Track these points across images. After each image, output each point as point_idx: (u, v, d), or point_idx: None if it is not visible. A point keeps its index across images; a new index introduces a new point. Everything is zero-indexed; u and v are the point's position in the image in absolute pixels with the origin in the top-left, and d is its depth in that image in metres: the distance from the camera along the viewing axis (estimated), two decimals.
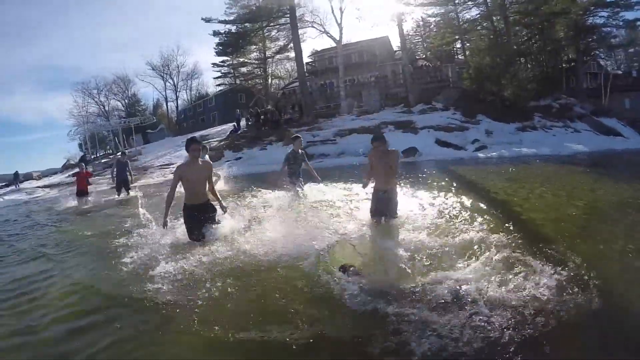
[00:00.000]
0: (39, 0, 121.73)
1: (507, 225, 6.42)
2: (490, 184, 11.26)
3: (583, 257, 4.81)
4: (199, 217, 6.26)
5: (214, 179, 9.87)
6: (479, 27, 38.49)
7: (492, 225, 6.54)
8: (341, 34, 35.79)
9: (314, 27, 37.93)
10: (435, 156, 21.78)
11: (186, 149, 6.17)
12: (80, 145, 69.15)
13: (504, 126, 26.54)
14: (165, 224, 6.19)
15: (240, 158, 27.96)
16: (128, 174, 15.77)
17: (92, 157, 49.86)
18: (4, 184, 47.26)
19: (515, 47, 36.10)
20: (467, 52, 38.47)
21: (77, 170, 16.80)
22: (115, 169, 15.79)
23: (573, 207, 7.88)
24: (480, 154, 21.67)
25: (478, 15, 38.79)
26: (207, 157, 10.81)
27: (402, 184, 9.22)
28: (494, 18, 36.39)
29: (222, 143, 33.85)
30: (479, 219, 6.98)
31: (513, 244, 5.43)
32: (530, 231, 6.32)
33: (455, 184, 11.18)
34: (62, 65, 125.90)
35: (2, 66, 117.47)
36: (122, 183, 15.63)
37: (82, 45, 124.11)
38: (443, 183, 11.62)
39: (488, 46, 32.65)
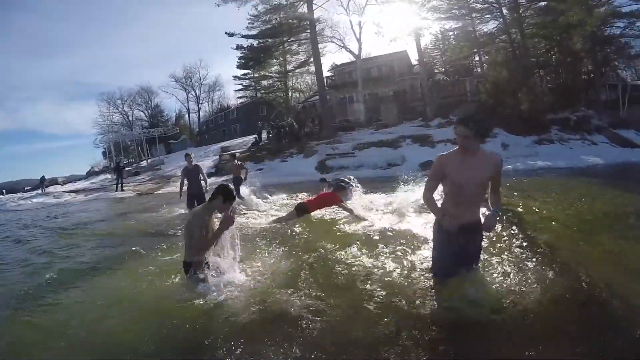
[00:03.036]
0: (65, 16, 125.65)
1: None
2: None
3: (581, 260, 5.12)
4: None
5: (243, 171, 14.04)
6: (496, 41, 38.67)
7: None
8: (360, 48, 36.59)
9: (333, 42, 38.78)
10: None
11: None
12: (104, 154, 70.60)
13: (521, 139, 26.67)
14: None
15: (261, 169, 28.66)
16: (203, 181, 12.05)
17: (126, 162, 50.88)
18: (30, 187, 48.83)
19: (533, 59, 36.29)
20: (485, 66, 38.72)
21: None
22: (184, 179, 11.90)
23: (574, 215, 8.06)
24: None
25: (495, 29, 39.07)
26: None
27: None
28: (511, 31, 36.56)
29: (243, 155, 34.62)
30: None
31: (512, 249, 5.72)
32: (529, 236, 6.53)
33: None
34: (87, 79, 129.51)
35: (31, 78, 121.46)
36: (194, 198, 11.49)
37: (106, 59, 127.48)
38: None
39: (505, 59, 32.79)
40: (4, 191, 52.03)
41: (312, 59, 40.35)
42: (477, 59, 43.05)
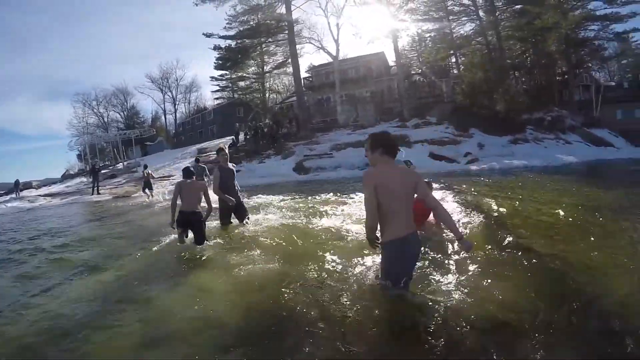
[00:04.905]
0: (38, 10, 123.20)
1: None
2: (474, 191, 11.76)
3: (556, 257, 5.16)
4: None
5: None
6: (472, 42, 39.07)
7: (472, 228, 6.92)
8: (338, 49, 36.48)
9: (311, 42, 38.66)
10: (428, 169, 21.99)
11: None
12: (79, 156, 69.69)
13: (496, 139, 26.99)
14: None
15: (239, 171, 28.36)
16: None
17: (102, 165, 50.33)
18: (3, 192, 47.94)
19: (508, 61, 36.83)
20: (461, 67, 39.09)
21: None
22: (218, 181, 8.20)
23: (548, 211, 8.17)
24: (472, 167, 22.11)
25: (472, 31, 39.50)
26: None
27: None
28: (488, 33, 36.96)
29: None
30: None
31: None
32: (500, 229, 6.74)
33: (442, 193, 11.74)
34: (61, 76, 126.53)
35: (2, 75, 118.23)
36: (230, 211, 8.25)
37: (81, 57, 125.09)
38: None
39: (481, 61, 33.16)
40: None
41: (289, 60, 40.28)
42: (453, 60, 43.53)
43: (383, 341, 3.42)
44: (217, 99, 67.51)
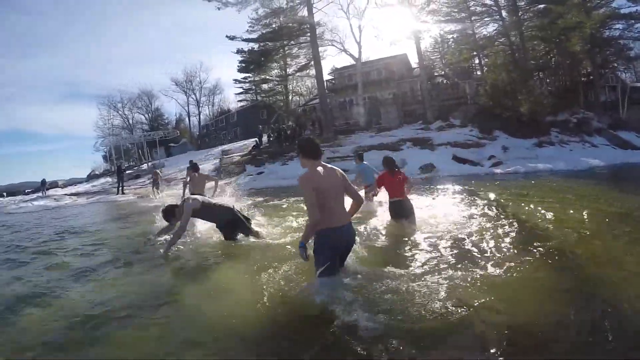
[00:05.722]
0: (62, 14, 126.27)
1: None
2: (498, 196, 11.64)
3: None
4: None
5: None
6: (495, 43, 38.73)
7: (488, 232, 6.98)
8: (360, 51, 36.62)
9: (333, 45, 38.73)
10: (451, 172, 22.07)
11: None
12: (104, 157, 71.19)
13: (521, 142, 26.77)
14: None
15: (262, 172, 28.87)
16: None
17: (127, 166, 51.21)
18: (30, 190, 49.24)
19: (532, 62, 36.45)
20: (485, 68, 38.82)
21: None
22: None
23: (573, 217, 7.99)
24: (496, 170, 21.94)
25: (495, 32, 39.03)
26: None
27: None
28: (511, 34, 36.63)
29: (244, 158, 34.77)
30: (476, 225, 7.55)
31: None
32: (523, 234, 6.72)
33: (463, 196, 11.78)
34: (88, 81, 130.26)
35: (30, 79, 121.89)
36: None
37: (107, 61, 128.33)
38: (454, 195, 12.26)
39: (504, 62, 32.91)
40: (5, 194, 52.43)
41: (312, 63, 40.43)
42: (476, 61, 43.19)
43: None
44: (240, 101, 68.30)
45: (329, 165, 4.45)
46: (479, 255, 5.50)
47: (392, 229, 7.56)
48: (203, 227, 8.09)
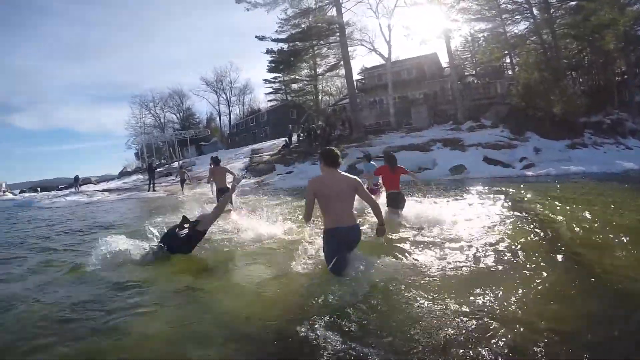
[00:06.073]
0: (96, 21, 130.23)
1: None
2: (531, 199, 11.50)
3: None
4: None
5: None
6: (527, 42, 38.23)
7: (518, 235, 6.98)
8: (390, 51, 36.48)
9: (363, 45, 38.71)
10: (482, 174, 21.96)
11: None
12: (136, 154, 72.98)
13: (553, 143, 26.42)
14: None
15: (291, 172, 29.23)
16: None
17: (158, 164, 52.30)
18: (64, 186, 50.69)
19: (565, 61, 35.91)
20: (516, 68, 38.40)
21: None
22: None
23: (607, 222, 7.72)
24: (528, 172, 21.80)
25: (526, 30, 38.50)
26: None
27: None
28: (542, 32, 36.11)
29: (273, 157, 35.18)
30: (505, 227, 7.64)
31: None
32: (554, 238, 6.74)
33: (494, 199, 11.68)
34: (120, 81, 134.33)
35: (64, 81, 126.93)
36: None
37: (138, 62, 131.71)
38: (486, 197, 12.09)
39: (536, 61, 32.52)
40: (39, 189, 54.04)
41: (341, 62, 40.68)
42: (508, 60, 42.79)
43: None
44: (270, 101, 69.37)
45: (343, 174, 5.16)
46: (513, 261, 5.51)
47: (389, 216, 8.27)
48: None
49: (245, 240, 7.75)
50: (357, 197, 5.19)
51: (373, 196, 5.74)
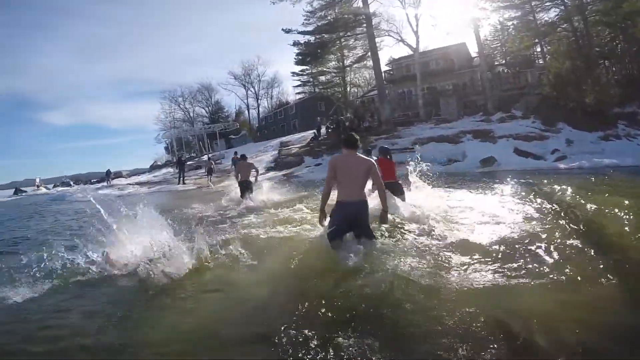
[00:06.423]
0: (124, 20, 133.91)
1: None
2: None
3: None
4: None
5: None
6: (558, 30, 37.56)
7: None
8: (418, 41, 36.34)
9: (390, 35, 38.68)
10: (513, 166, 21.78)
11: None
12: (166, 148, 74.38)
13: (585, 135, 25.93)
14: None
15: (320, 164, 29.44)
16: None
17: (187, 157, 53.16)
18: (96, 180, 52.12)
19: (597, 49, 35.19)
20: (547, 56, 37.79)
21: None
22: None
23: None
24: (560, 165, 21.54)
25: (557, 17, 37.78)
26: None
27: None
28: (574, 19, 35.44)
29: (302, 149, 35.42)
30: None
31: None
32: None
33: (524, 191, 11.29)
34: (148, 78, 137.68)
35: (95, 78, 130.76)
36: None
37: (166, 58, 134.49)
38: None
39: (568, 49, 31.94)
40: (72, 183, 55.59)
41: (369, 54, 40.56)
42: (538, 49, 42.18)
43: None
44: (298, 93, 69.67)
45: (360, 156, 5.93)
46: (544, 258, 5.34)
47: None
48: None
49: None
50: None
51: None
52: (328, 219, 5.88)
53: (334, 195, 5.88)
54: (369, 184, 6.44)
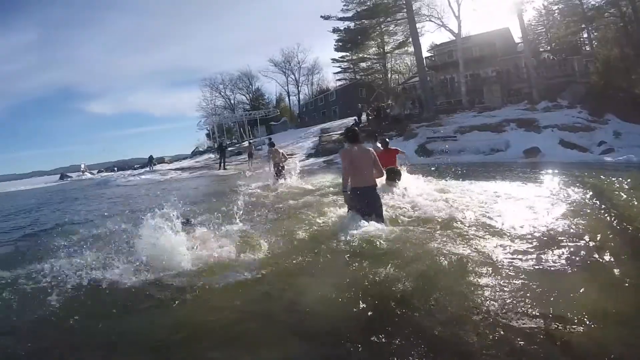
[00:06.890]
0: (164, 12, 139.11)
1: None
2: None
3: None
4: None
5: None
6: (605, 15, 36.56)
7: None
8: (460, 27, 35.80)
9: (431, 20, 38.34)
10: (558, 158, 21.24)
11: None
12: (207, 135, 75.83)
13: (635, 127, 24.92)
14: None
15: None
16: None
17: (228, 143, 54.13)
18: (139, 165, 53.91)
19: None
20: (594, 43, 36.93)
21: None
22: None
23: None
24: (607, 158, 20.80)
25: (604, 1, 36.87)
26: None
27: None
28: (622, 3, 34.38)
29: (342, 136, 35.67)
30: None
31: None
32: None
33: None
34: (190, 66, 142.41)
35: (139, 69, 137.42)
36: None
37: (207, 47, 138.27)
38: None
39: (616, 36, 31.16)
40: (116, 168, 57.60)
41: (410, 40, 40.44)
42: (585, 35, 41.16)
43: None
44: (339, 80, 69.93)
45: (365, 147, 7.05)
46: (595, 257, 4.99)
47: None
48: None
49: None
50: None
51: None
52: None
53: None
54: None
